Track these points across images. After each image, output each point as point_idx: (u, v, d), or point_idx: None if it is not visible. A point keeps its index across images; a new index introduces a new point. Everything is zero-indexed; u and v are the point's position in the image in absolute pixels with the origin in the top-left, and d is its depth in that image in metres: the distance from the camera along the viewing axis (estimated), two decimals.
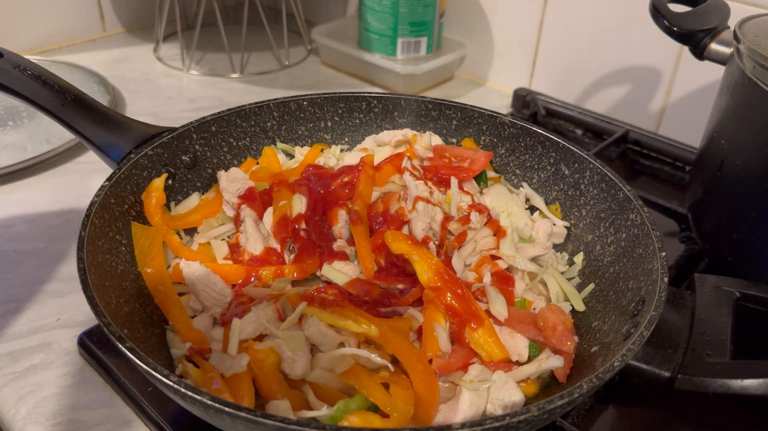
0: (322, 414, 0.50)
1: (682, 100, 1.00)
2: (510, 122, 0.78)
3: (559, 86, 1.13)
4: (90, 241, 0.55)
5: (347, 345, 0.56)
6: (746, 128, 0.64)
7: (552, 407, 0.42)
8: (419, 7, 1.10)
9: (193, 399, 0.41)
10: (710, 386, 0.51)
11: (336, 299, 0.58)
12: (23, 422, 0.56)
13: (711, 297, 0.59)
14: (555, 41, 1.10)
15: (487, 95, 1.19)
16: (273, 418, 0.40)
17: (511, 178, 0.79)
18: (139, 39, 1.35)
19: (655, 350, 0.53)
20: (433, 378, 0.54)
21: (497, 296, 0.61)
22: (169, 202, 0.71)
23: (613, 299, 0.61)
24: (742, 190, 0.65)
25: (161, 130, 0.70)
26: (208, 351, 0.56)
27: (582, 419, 0.57)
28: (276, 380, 0.52)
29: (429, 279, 0.60)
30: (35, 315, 0.67)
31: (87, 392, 0.59)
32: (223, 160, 0.77)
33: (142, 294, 0.60)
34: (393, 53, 1.14)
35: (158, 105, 1.10)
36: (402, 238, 0.63)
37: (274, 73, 1.23)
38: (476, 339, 0.57)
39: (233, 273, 0.64)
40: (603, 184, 0.68)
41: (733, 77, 0.67)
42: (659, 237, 0.58)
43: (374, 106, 0.83)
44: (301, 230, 0.68)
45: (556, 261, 0.70)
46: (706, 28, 0.73)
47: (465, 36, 1.22)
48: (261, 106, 0.78)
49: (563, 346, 0.57)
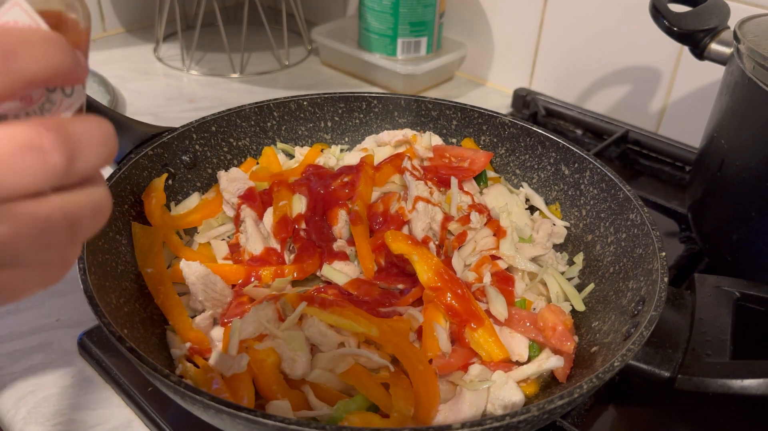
0: (322, 414, 0.50)
1: (682, 100, 1.00)
2: (510, 122, 0.78)
3: (559, 86, 1.13)
4: (90, 241, 0.55)
5: (347, 345, 0.56)
6: (746, 128, 0.64)
7: (552, 407, 0.42)
8: (419, 7, 1.10)
9: (193, 399, 0.41)
10: (710, 386, 0.51)
11: (336, 299, 0.58)
12: (23, 422, 0.56)
13: (711, 297, 0.59)
14: (555, 41, 1.10)
15: (487, 95, 1.19)
16: (273, 418, 0.40)
17: (511, 178, 0.79)
18: (139, 39, 1.35)
19: (655, 350, 0.53)
20: (433, 378, 0.54)
21: (497, 296, 0.61)
22: (169, 202, 0.71)
23: (613, 299, 0.61)
24: (742, 190, 0.65)
25: (161, 130, 0.70)
26: (208, 351, 0.56)
27: (582, 419, 0.57)
28: (276, 380, 0.52)
29: (429, 279, 0.60)
30: (35, 315, 0.67)
31: (87, 392, 0.59)
32: (223, 160, 0.77)
33: (142, 294, 0.60)
34: (393, 53, 1.14)
35: (158, 105, 1.10)
36: (402, 238, 0.63)
37: (274, 73, 1.23)
38: (476, 339, 0.57)
39: (233, 273, 0.64)
40: (603, 184, 0.68)
41: (733, 77, 0.67)
42: (659, 237, 0.58)
43: (374, 106, 0.83)
44: (301, 230, 0.68)
45: (556, 261, 0.70)
46: (706, 28, 0.73)
47: (465, 36, 1.22)
48: (261, 106, 0.78)
49: (563, 346, 0.57)
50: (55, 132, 0.25)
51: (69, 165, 0.25)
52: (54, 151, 0.25)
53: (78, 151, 0.26)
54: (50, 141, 0.25)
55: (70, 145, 0.25)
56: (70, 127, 0.26)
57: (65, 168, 0.25)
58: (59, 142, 0.25)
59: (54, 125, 0.25)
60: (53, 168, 0.25)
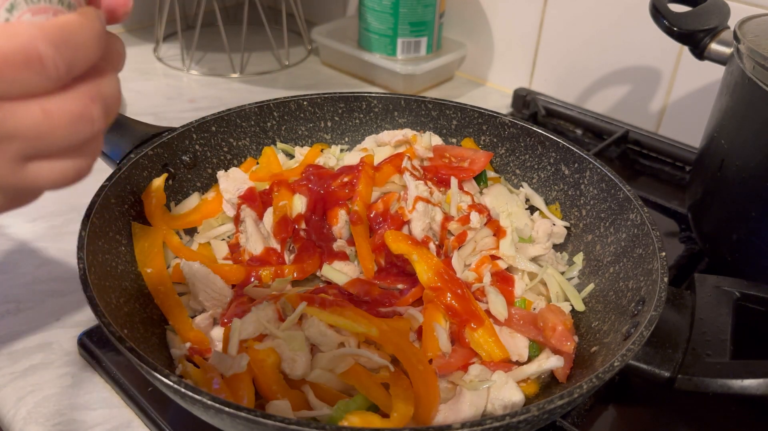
0: (322, 414, 0.50)
1: (682, 100, 1.00)
2: (510, 122, 0.78)
3: (559, 86, 1.13)
4: (90, 241, 0.55)
5: (347, 345, 0.56)
6: (746, 128, 0.64)
7: (552, 407, 0.42)
8: (419, 7, 1.10)
9: (193, 399, 0.41)
10: (710, 386, 0.51)
11: (336, 299, 0.58)
12: (23, 422, 0.56)
13: (711, 297, 0.59)
14: (555, 41, 1.10)
15: (487, 95, 1.19)
16: (273, 418, 0.40)
17: (511, 178, 0.79)
18: (139, 39, 1.35)
19: (655, 350, 0.53)
20: (433, 378, 0.54)
21: (497, 296, 0.61)
22: (169, 202, 0.71)
23: (613, 299, 0.61)
24: (742, 190, 0.65)
25: (161, 130, 0.70)
26: (208, 351, 0.56)
27: (582, 419, 0.57)
28: (276, 380, 0.52)
29: (429, 279, 0.60)
30: (35, 315, 0.67)
31: (87, 392, 0.59)
32: (223, 160, 0.77)
33: (142, 294, 0.60)
34: (393, 53, 1.14)
35: (158, 105, 1.10)
36: (402, 238, 0.63)
37: (274, 73, 1.23)
38: (476, 339, 0.57)
39: (233, 273, 0.64)
40: (603, 184, 0.68)
41: (733, 77, 0.67)
42: (659, 237, 0.58)
43: (374, 106, 0.83)
44: (301, 230, 0.68)
45: (556, 261, 0.70)
46: (706, 28, 0.73)
47: (465, 36, 1.22)
48: (261, 106, 0.78)
49: (563, 346, 0.57)
50: (52, 44, 0.30)
51: (67, 70, 0.31)
52: (50, 61, 0.30)
53: (75, 56, 0.31)
54: (48, 53, 0.30)
55: (67, 53, 0.31)
56: (66, 32, 0.31)
57: (64, 72, 0.31)
58: (57, 52, 0.30)
59: (52, 35, 0.30)
60: (52, 74, 0.30)
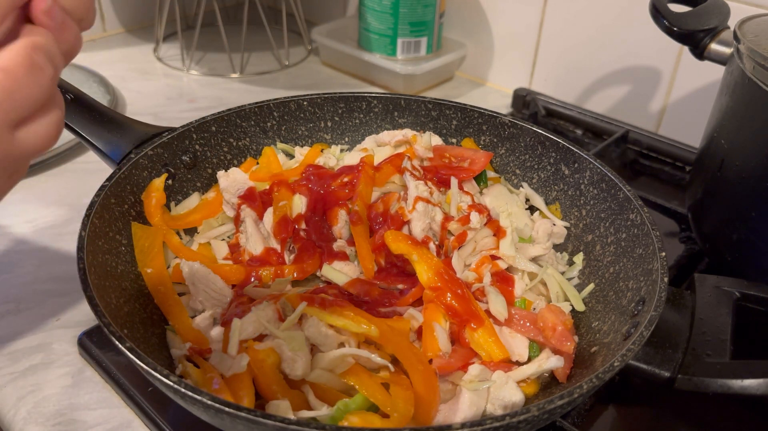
0: (322, 414, 0.50)
1: (682, 100, 1.00)
2: (510, 122, 0.78)
3: (559, 86, 1.13)
4: (90, 241, 0.55)
5: (347, 345, 0.56)
6: (746, 128, 0.64)
7: (552, 407, 0.42)
8: (419, 7, 1.10)
9: (193, 399, 0.41)
10: (710, 386, 0.51)
11: (336, 299, 0.58)
12: (23, 422, 0.56)
13: (711, 297, 0.59)
14: (555, 41, 1.10)
15: (487, 95, 1.19)
16: (273, 418, 0.40)
17: (511, 178, 0.79)
18: (139, 39, 1.35)
19: (655, 350, 0.53)
20: (433, 378, 0.54)
21: (497, 296, 0.61)
22: (169, 202, 0.71)
23: (613, 299, 0.61)
24: (742, 190, 0.65)
25: (161, 130, 0.70)
26: (208, 351, 0.56)
27: (582, 419, 0.57)
28: (276, 380, 0.52)
29: (429, 279, 0.60)
30: (35, 315, 0.67)
31: (87, 392, 0.59)
32: (223, 160, 0.77)
33: (142, 294, 0.60)
34: (393, 53, 1.14)
35: (158, 105, 1.10)
36: (402, 238, 0.63)
37: (274, 73, 1.23)
38: (476, 339, 0.57)
39: (233, 273, 0.64)
40: (603, 184, 0.68)
41: (733, 77, 0.67)
42: (659, 237, 0.58)
43: (374, 106, 0.83)
44: (301, 230, 0.68)
45: (556, 261, 0.70)
46: (706, 28, 0.73)
47: (465, 36, 1.22)
48: (261, 106, 0.78)
49: (563, 346, 0.57)
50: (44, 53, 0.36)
51: (56, 68, 0.37)
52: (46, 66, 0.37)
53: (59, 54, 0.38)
54: (43, 60, 0.36)
55: (54, 58, 0.37)
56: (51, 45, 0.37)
57: (56, 71, 0.37)
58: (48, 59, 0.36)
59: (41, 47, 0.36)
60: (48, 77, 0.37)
